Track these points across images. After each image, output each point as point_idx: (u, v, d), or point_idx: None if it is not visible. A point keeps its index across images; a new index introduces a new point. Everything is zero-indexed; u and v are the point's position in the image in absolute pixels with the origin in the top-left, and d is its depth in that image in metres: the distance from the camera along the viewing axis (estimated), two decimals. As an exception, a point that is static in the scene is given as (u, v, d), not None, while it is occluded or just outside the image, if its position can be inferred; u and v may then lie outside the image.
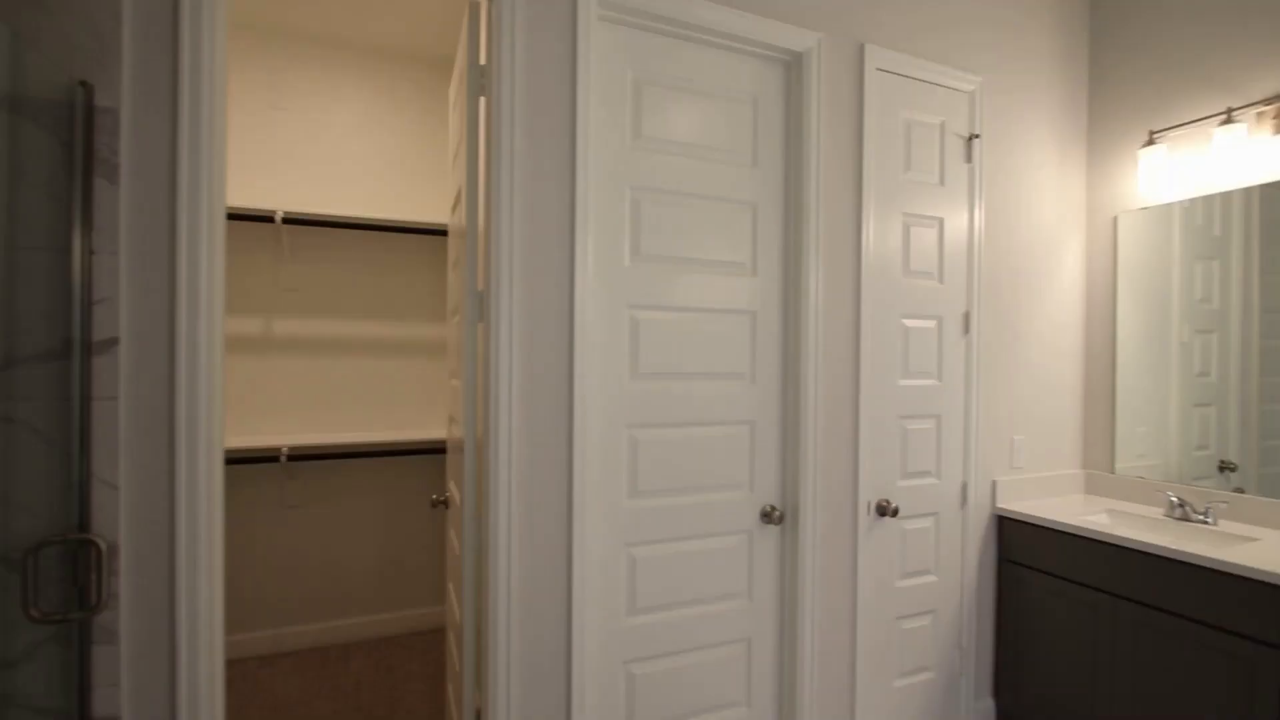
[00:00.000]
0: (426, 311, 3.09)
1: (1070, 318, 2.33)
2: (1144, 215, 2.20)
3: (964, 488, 2.09)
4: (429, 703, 2.40)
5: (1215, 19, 2.01)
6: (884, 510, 1.93)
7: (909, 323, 1.99)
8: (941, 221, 2.03)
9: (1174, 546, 1.68)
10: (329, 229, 2.87)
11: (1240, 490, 1.98)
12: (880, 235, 1.93)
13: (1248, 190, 1.94)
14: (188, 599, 1.20)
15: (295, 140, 2.85)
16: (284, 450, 2.58)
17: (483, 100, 1.52)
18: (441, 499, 1.98)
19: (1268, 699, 1.49)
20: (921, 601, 2.04)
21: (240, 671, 2.58)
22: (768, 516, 1.80)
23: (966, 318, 2.08)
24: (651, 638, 1.68)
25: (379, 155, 3.00)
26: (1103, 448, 2.32)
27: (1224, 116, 1.91)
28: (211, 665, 1.23)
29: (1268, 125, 1.87)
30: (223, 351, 1.27)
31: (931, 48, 2.01)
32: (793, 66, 1.82)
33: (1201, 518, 1.95)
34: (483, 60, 1.53)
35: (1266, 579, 1.50)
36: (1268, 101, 1.85)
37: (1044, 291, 2.27)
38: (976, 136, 2.06)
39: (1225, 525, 1.92)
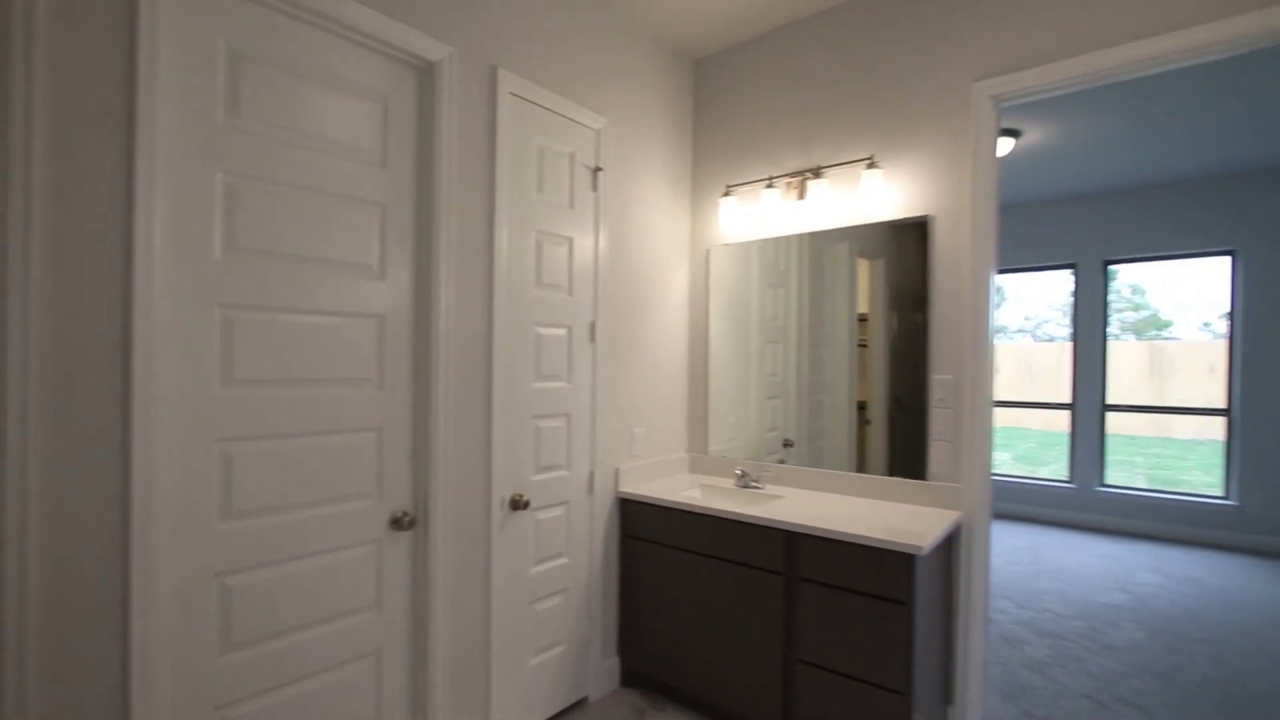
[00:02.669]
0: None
1: (678, 329, 2.84)
2: (728, 249, 2.80)
3: (591, 477, 2.38)
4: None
5: (767, 112, 2.66)
6: (517, 504, 2.07)
7: (541, 330, 2.18)
8: (571, 240, 2.28)
9: (726, 508, 2.17)
10: None
11: (783, 461, 2.65)
12: (514, 248, 2.07)
13: (801, 236, 2.60)
14: None
15: None
16: None
17: (-13, 32, 1.18)
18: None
19: (775, 610, 2.04)
20: (555, 583, 2.25)
21: None
22: (398, 523, 1.78)
23: (593, 327, 2.37)
24: (255, 674, 1.51)
25: None
26: (701, 434, 2.87)
27: (767, 182, 2.55)
28: None
29: (793, 192, 2.56)
30: None
31: (563, 85, 2.24)
32: (425, 74, 1.84)
33: (756, 485, 2.55)
34: (-13, -20, 1.18)
35: (767, 524, 2.04)
36: (791, 175, 2.53)
37: (658, 307, 2.71)
38: (600, 169, 2.36)
39: (769, 489, 2.55)
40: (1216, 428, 4.90)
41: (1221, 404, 4.84)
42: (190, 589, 1.41)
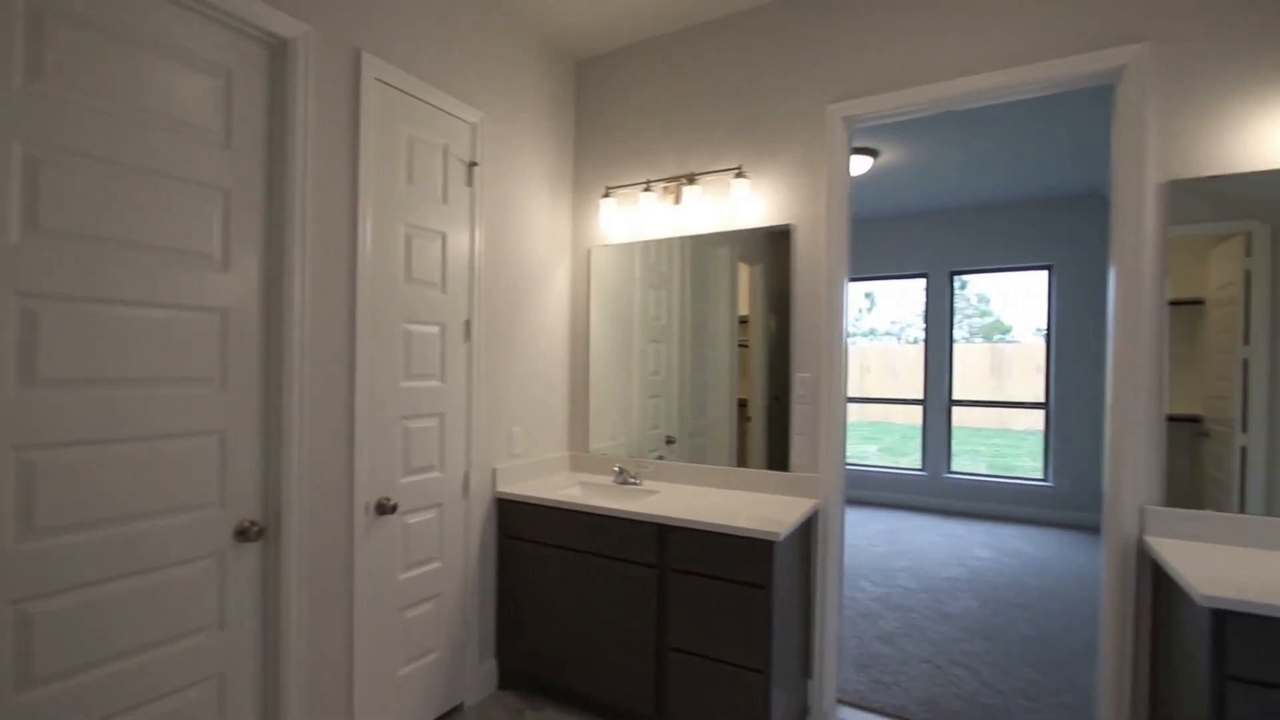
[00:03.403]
0: None
1: (559, 327, 2.85)
2: (610, 250, 2.84)
3: (466, 478, 2.33)
4: None
5: (645, 118, 2.73)
6: (384, 508, 1.99)
7: (411, 327, 2.10)
8: (445, 235, 2.21)
9: (602, 504, 2.20)
10: None
11: (661, 458, 2.73)
12: (380, 241, 1.98)
13: (683, 239, 2.68)
14: None
15: None
16: None
17: None
18: None
19: (649, 601, 2.10)
20: (426, 588, 2.18)
21: None
22: (245, 534, 1.65)
23: (468, 325, 2.32)
24: (62, 711, 1.34)
25: None
26: (582, 432, 2.90)
27: (645, 185, 2.62)
28: None
29: (670, 196, 2.64)
30: None
31: (436, 75, 2.17)
32: (278, 52, 1.72)
33: (634, 481, 2.61)
34: None
35: (640, 518, 2.10)
36: (668, 180, 2.62)
37: (538, 305, 2.71)
38: (476, 164, 2.31)
39: (647, 484, 2.62)
40: (1040, 419, 5.62)
41: (1041, 399, 5.57)
42: (-24, 619, 1.23)
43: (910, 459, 8.13)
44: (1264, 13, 1.73)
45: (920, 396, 5.97)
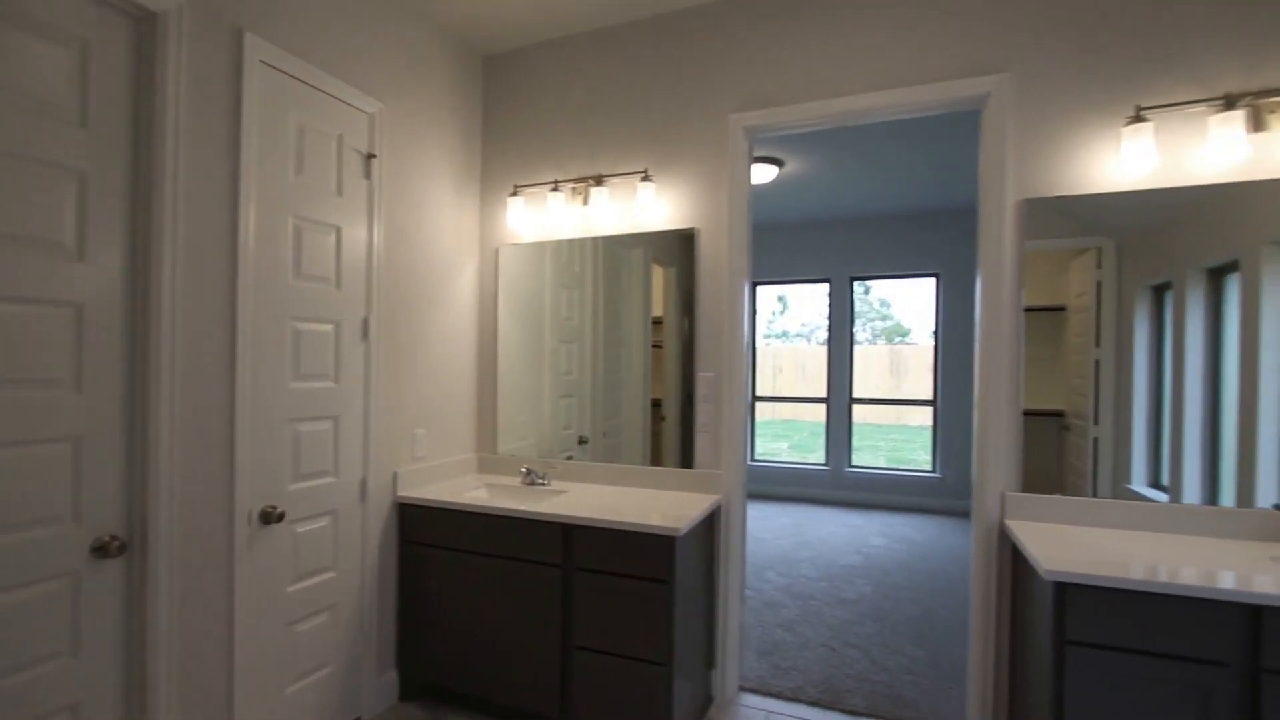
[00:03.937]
0: None
1: (466, 327, 2.79)
2: (519, 249, 2.81)
3: (364, 483, 2.23)
4: None
5: (553, 117, 2.72)
6: (269, 517, 1.87)
7: (301, 325, 1.99)
8: (339, 229, 2.12)
9: (507, 506, 2.18)
10: None
11: (570, 458, 2.73)
12: (265, 234, 1.87)
13: (595, 240, 2.68)
14: None
15: None
16: None
17: None
18: None
19: (554, 601, 2.10)
20: (319, 600, 2.07)
21: None
22: (104, 550, 1.51)
23: (366, 323, 2.22)
24: None
25: None
26: (490, 433, 2.85)
27: (553, 185, 2.61)
28: None
29: (578, 197, 2.65)
30: None
31: (330, 61, 2.07)
32: (145, 25, 1.58)
33: (542, 482, 2.59)
34: None
35: (545, 519, 2.10)
36: (576, 180, 2.63)
37: (444, 304, 2.64)
38: (375, 156, 2.23)
39: (555, 484, 2.61)
40: (931, 415, 6.06)
41: (931, 396, 6.01)
42: None
43: (816, 455, 8.54)
44: (1100, 53, 1.95)
45: (824, 395, 6.29)
